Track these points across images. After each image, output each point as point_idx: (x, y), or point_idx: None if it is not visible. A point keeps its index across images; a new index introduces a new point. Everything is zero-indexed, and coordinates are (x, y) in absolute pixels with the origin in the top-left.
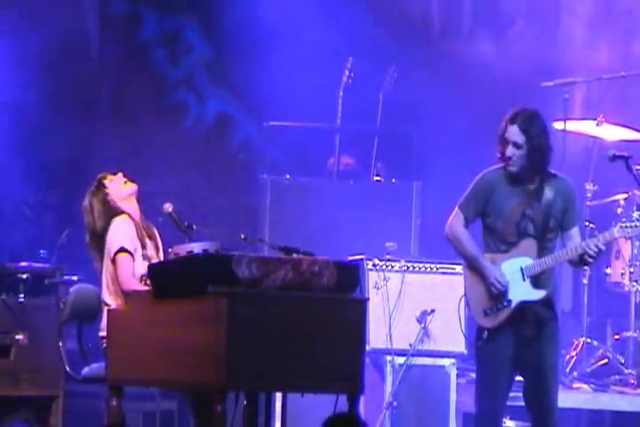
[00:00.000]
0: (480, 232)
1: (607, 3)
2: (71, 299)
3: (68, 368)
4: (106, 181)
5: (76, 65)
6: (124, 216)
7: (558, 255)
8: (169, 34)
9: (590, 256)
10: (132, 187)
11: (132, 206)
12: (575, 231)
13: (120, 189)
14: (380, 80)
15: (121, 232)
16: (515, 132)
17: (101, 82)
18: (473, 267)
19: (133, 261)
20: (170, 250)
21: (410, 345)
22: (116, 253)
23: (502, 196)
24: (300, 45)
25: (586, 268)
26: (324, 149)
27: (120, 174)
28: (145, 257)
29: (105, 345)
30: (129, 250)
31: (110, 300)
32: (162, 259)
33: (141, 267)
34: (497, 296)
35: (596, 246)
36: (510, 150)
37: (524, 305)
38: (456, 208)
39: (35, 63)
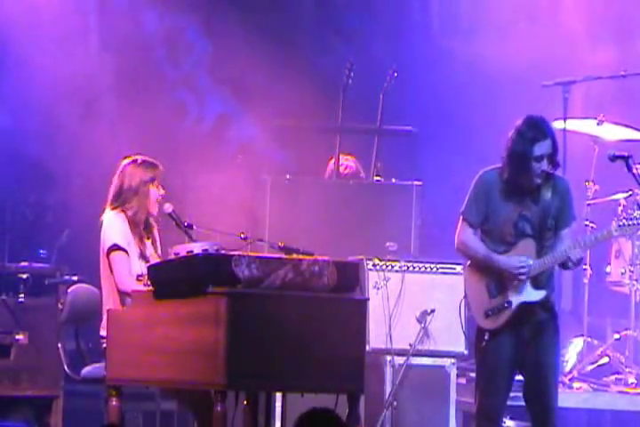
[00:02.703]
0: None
1: (607, 2)
2: (69, 300)
3: (67, 369)
4: (153, 183)
5: (76, 65)
6: (118, 212)
7: (556, 255)
8: (169, 33)
9: (573, 263)
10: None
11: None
12: (566, 233)
13: (150, 207)
14: (380, 80)
15: (113, 228)
16: (549, 145)
17: (101, 82)
18: (488, 266)
19: (128, 257)
20: (170, 250)
21: (410, 345)
22: (109, 252)
23: (500, 198)
24: (300, 45)
25: (585, 267)
26: (323, 149)
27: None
28: (143, 257)
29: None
30: (122, 247)
31: (105, 297)
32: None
33: (138, 267)
34: (499, 297)
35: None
36: (545, 164)
37: (524, 306)
38: (460, 218)
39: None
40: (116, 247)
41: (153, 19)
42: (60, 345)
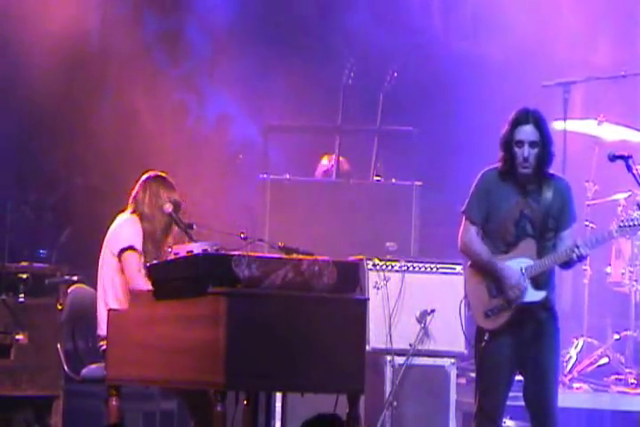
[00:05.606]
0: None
1: (608, 2)
2: (70, 300)
3: (67, 369)
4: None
5: (76, 65)
6: (137, 218)
7: (557, 256)
8: (169, 34)
9: (579, 257)
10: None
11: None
12: (568, 233)
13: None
14: (380, 80)
15: (130, 230)
16: (530, 132)
17: (101, 82)
18: (489, 270)
19: (141, 257)
20: (170, 250)
21: (410, 345)
22: (123, 251)
23: (501, 196)
24: (300, 45)
25: (585, 267)
26: (324, 149)
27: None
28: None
29: (104, 346)
30: (138, 248)
31: (105, 297)
32: None
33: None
34: (499, 298)
35: (586, 251)
36: (527, 151)
37: (524, 306)
38: (463, 218)
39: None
40: (131, 248)
41: (153, 19)
42: (59, 345)
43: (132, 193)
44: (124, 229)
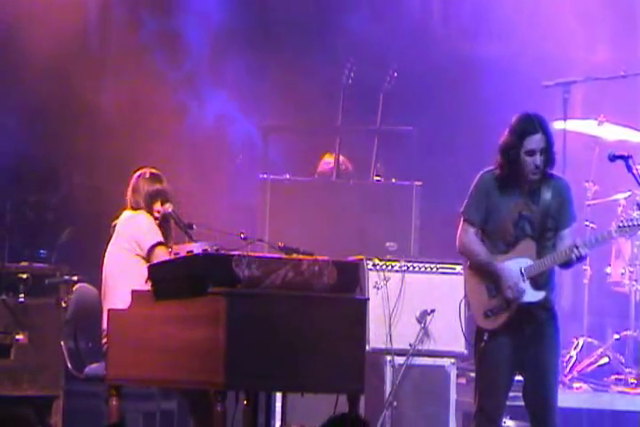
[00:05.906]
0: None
1: (608, 2)
2: (75, 299)
3: (70, 367)
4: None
5: (76, 65)
6: (147, 213)
7: (556, 256)
8: (169, 34)
9: (578, 258)
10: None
11: None
12: (567, 233)
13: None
14: (380, 80)
15: (151, 227)
16: (541, 140)
17: (101, 82)
18: (488, 271)
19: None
20: (170, 250)
21: (410, 345)
22: (154, 247)
23: (500, 196)
24: (300, 45)
25: (585, 267)
26: (323, 149)
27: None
28: None
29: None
30: (165, 243)
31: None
32: None
33: None
34: (498, 298)
35: (585, 251)
36: (539, 159)
37: (523, 306)
38: (461, 219)
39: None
40: (161, 243)
41: (152, 19)
42: (63, 344)
43: None
44: (145, 226)
